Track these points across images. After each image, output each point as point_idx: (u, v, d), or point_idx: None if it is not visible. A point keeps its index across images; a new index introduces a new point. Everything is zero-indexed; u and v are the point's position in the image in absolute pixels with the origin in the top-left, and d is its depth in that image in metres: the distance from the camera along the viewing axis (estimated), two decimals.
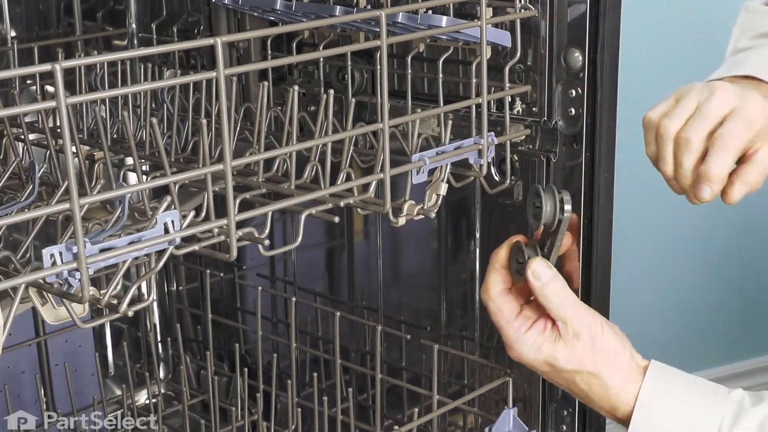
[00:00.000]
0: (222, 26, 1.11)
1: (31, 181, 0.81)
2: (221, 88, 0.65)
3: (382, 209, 0.79)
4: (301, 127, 1.02)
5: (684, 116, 0.84)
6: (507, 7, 0.89)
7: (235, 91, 0.97)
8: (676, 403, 0.83)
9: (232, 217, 0.68)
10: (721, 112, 0.83)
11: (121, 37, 1.27)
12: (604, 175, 0.91)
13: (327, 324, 1.22)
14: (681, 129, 0.84)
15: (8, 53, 1.13)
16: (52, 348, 1.29)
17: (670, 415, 0.83)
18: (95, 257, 0.63)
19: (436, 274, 1.14)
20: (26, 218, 0.63)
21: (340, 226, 1.24)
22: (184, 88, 0.99)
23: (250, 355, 1.32)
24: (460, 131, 0.90)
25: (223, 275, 1.34)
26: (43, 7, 1.28)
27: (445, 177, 0.85)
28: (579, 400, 0.88)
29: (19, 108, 0.60)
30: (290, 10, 0.94)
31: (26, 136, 0.95)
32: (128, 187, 0.65)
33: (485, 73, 0.83)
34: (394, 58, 1.03)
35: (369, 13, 0.78)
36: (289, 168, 0.83)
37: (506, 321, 0.83)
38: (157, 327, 1.41)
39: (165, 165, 0.74)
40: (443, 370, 1.11)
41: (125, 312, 0.66)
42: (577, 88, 0.89)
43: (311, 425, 1.16)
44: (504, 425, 0.99)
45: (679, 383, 0.84)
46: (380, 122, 0.76)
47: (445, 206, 1.07)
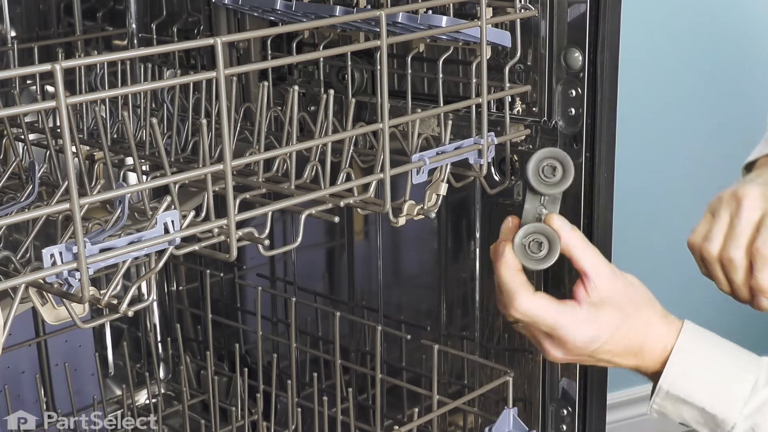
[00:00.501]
0: (222, 26, 1.11)
1: (31, 181, 0.81)
2: (221, 88, 0.65)
3: (382, 209, 0.79)
4: (301, 127, 1.02)
5: (721, 235, 0.89)
6: (507, 7, 0.89)
7: (235, 91, 0.97)
8: (712, 354, 0.86)
9: (232, 217, 0.68)
10: (753, 221, 0.87)
11: (121, 37, 1.27)
12: (604, 175, 0.91)
13: (327, 324, 1.22)
14: (722, 249, 0.88)
15: (8, 53, 1.13)
16: (52, 348, 1.29)
17: (706, 364, 0.86)
18: (95, 257, 0.63)
19: (436, 274, 1.14)
20: (26, 218, 0.63)
21: (340, 226, 1.24)
22: (184, 88, 0.99)
23: (250, 355, 1.32)
24: (460, 131, 0.90)
25: (223, 275, 1.34)
26: (43, 7, 1.28)
27: (445, 177, 0.85)
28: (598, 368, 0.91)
29: (19, 108, 0.60)
30: (290, 10, 0.94)
31: (26, 136, 0.95)
32: (128, 187, 0.65)
33: (485, 73, 0.83)
34: (394, 58, 1.03)
35: (369, 13, 0.78)
36: (289, 168, 0.83)
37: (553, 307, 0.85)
38: (157, 327, 1.41)
39: (165, 165, 0.74)
40: (443, 370, 1.11)
41: (125, 312, 0.66)
42: (577, 88, 0.89)
43: (311, 425, 1.16)
44: (504, 425, 0.99)
45: (713, 339, 0.88)
46: (380, 122, 0.76)
47: (445, 206, 1.07)
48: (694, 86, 2.09)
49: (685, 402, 0.86)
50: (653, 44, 2.00)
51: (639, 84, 1.92)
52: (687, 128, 2.11)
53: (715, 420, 0.85)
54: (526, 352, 1.02)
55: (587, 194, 0.91)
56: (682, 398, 0.86)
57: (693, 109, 2.10)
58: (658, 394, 0.87)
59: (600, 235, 0.91)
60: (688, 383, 0.86)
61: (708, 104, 2.10)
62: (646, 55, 1.96)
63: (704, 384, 0.85)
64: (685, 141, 2.11)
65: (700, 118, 2.11)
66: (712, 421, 0.85)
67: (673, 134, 2.10)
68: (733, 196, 0.89)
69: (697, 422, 0.87)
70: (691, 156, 2.12)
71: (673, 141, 2.11)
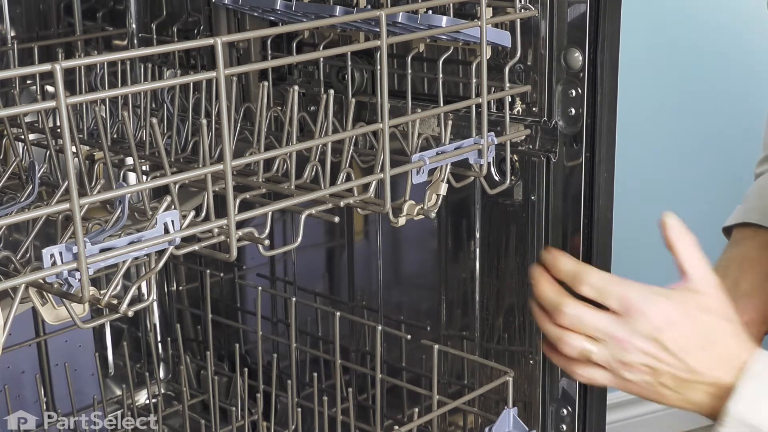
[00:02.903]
0: (222, 26, 1.11)
1: (31, 181, 0.81)
2: (221, 88, 0.65)
3: (382, 209, 0.79)
4: (301, 127, 1.02)
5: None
6: (507, 7, 0.89)
7: (235, 91, 0.97)
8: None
9: (232, 217, 0.68)
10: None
11: (121, 37, 1.27)
12: (604, 175, 0.90)
13: (327, 324, 1.22)
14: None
15: (8, 53, 1.13)
16: (52, 348, 1.29)
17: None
18: (95, 257, 0.63)
19: (436, 274, 1.14)
20: (26, 218, 0.63)
21: (340, 226, 1.24)
22: (184, 88, 0.99)
23: (250, 355, 1.31)
24: (460, 131, 0.90)
25: (223, 275, 1.34)
26: (43, 7, 1.28)
27: (445, 177, 0.85)
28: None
29: (19, 108, 0.60)
30: (290, 10, 0.94)
31: (26, 136, 0.95)
32: (128, 187, 0.65)
33: (485, 73, 0.83)
34: (394, 58, 1.03)
35: (369, 13, 0.78)
36: (289, 168, 0.83)
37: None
38: (157, 327, 1.41)
39: (165, 165, 0.74)
40: (443, 370, 1.11)
41: (125, 312, 0.66)
42: (577, 88, 0.89)
43: (311, 425, 1.16)
44: (504, 425, 0.99)
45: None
46: (380, 122, 0.76)
47: (445, 206, 1.07)
48: (694, 86, 2.09)
49: (754, 428, 0.81)
50: (653, 44, 2.00)
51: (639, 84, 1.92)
52: (687, 128, 2.11)
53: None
54: (526, 352, 1.02)
55: (587, 194, 0.91)
56: (752, 425, 0.80)
57: (693, 109, 2.10)
58: (724, 424, 0.81)
59: (600, 235, 0.91)
60: (757, 411, 0.80)
61: (708, 104, 2.10)
62: (646, 55, 1.96)
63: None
64: (685, 141, 2.12)
65: (700, 118, 2.11)
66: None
67: (673, 134, 2.10)
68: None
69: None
70: (691, 156, 2.12)
71: (673, 141, 2.11)
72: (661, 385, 0.84)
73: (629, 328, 0.83)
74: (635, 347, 0.83)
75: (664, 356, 0.83)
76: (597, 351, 0.85)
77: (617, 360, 0.84)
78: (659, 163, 2.09)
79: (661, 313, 0.83)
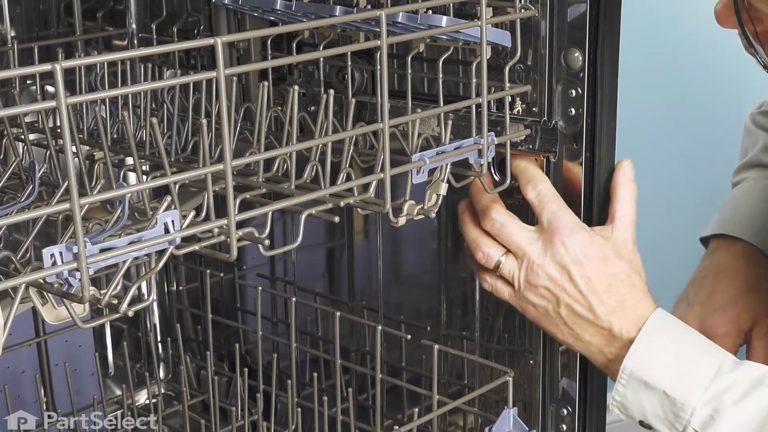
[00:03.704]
0: (222, 26, 1.11)
1: (31, 181, 0.81)
2: (221, 88, 0.65)
3: (382, 209, 0.79)
4: (301, 127, 1.02)
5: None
6: (507, 7, 0.89)
7: (235, 91, 0.97)
8: (678, 337, 0.85)
9: (232, 217, 0.68)
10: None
11: (121, 37, 1.27)
12: (604, 175, 0.91)
13: (327, 324, 1.22)
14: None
15: (8, 53, 1.13)
16: (52, 348, 1.29)
17: (672, 346, 0.84)
18: (95, 257, 0.63)
19: (436, 274, 1.14)
20: (26, 218, 0.63)
21: (340, 226, 1.24)
22: (184, 88, 0.99)
23: (250, 355, 1.32)
24: (460, 131, 0.90)
25: (223, 275, 1.34)
26: (43, 7, 1.28)
27: (445, 177, 0.85)
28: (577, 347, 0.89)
29: (19, 108, 0.60)
30: (290, 10, 0.94)
31: (26, 136, 0.95)
32: (128, 187, 0.65)
33: (485, 73, 0.83)
34: (394, 58, 1.03)
35: (369, 13, 0.78)
36: (289, 168, 0.83)
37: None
38: (157, 327, 1.41)
39: (165, 165, 0.74)
40: (443, 370, 1.12)
41: (125, 312, 0.66)
42: (577, 88, 0.89)
43: (311, 425, 1.16)
44: (504, 425, 0.99)
45: (681, 325, 0.87)
46: (380, 122, 0.76)
47: (445, 206, 1.07)
48: (694, 86, 2.09)
49: (647, 386, 0.84)
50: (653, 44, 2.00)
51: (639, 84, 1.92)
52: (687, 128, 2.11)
53: (674, 406, 0.83)
54: (526, 352, 1.02)
55: (587, 194, 0.91)
56: (645, 380, 0.83)
57: (693, 109, 2.10)
58: (620, 380, 0.85)
59: None
60: (653, 364, 0.84)
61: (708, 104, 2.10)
62: (646, 55, 1.96)
63: (667, 366, 0.83)
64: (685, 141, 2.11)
65: (700, 117, 2.11)
66: (671, 409, 0.83)
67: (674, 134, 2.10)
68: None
69: (656, 415, 0.84)
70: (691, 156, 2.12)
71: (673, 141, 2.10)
72: (557, 314, 0.87)
73: (546, 252, 0.86)
74: (545, 272, 0.86)
75: (569, 288, 0.86)
76: (506, 265, 0.88)
77: (524, 279, 0.87)
78: (659, 163, 2.09)
79: (581, 247, 0.85)
